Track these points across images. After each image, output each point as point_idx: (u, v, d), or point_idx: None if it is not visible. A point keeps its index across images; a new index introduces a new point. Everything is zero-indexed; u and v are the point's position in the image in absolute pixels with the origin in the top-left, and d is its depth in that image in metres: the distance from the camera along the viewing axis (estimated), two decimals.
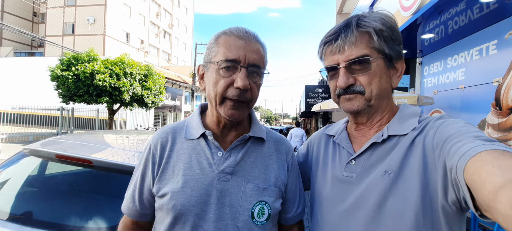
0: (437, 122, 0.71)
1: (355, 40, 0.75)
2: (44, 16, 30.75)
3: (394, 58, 0.78)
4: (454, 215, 0.65)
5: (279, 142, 0.96)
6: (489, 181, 0.46)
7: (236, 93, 0.78)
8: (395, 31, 0.78)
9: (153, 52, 35.48)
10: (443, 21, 4.38)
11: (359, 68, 0.76)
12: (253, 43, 0.80)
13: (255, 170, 0.86)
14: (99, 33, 27.12)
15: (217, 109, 0.82)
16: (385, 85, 0.78)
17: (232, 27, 0.83)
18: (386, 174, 0.72)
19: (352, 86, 0.77)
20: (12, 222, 1.37)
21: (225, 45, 0.79)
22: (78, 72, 10.07)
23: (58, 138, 2.00)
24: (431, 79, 5.69)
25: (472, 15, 3.92)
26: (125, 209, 0.91)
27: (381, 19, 0.77)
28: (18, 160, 1.77)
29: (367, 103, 0.77)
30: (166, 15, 38.11)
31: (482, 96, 4.16)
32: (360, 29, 0.75)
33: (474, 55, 4.32)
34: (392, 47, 0.77)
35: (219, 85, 0.79)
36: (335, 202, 0.81)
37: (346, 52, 0.76)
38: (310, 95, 13.11)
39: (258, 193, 0.83)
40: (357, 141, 0.85)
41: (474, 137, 0.57)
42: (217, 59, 0.79)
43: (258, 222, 0.82)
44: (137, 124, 18.13)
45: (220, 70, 0.79)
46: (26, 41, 33.61)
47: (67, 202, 1.56)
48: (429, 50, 5.61)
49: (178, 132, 0.90)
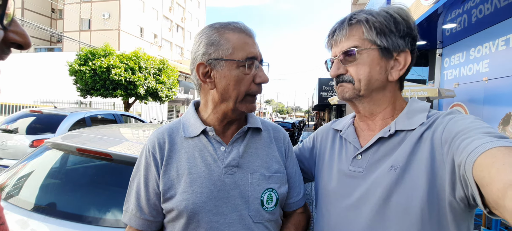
0: (446, 117, 0.70)
1: (345, 33, 0.79)
2: (61, 13, 31.67)
3: (393, 50, 0.77)
4: (461, 212, 0.65)
5: (275, 130, 0.99)
6: (498, 178, 0.45)
7: (260, 89, 0.82)
8: (400, 23, 0.77)
9: (166, 46, 35.90)
10: (466, 10, 4.17)
11: (349, 59, 0.79)
12: (255, 40, 0.85)
13: (258, 160, 0.88)
14: (114, 28, 27.70)
15: (237, 106, 0.82)
16: (377, 76, 0.78)
17: (233, 22, 0.83)
18: (392, 169, 0.71)
19: (342, 75, 0.81)
20: (37, 212, 1.43)
21: (240, 43, 0.79)
22: (95, 66, 10.32)
23: (78, 132, 2.06)
24: (452, 71, 5.46)
25: (498, 3, 3.70)
26: (132, 221, 0.84)
27: (379, 12, 0.78)
28: (41, 152, 1.84)
29: (356, 92, 0.80)
30: (178, 9, 38.35)
31: (507, 89, 3.95)
32: (351, 22, 0.79)
33: (500, 46, 4.09)
34: (391, 38, 0.76)
35: (243, 83, 0.80)
36: (341, 196, 0.81)
37: (339, 45, 0.81)
38: (323, 88, 12.93)
39: (264, 181, 0.85)
40: (364, 136, 0.85)
41: (484, 133, 0.56)
42: (236, 57, 0.79)
43: (268, 208, 0.85)
44: (152, 117, 18.50)
45: (241, 68, 0.80)
46: (45, 37, 34.78)
47: (88, 193, 1.61)
48: (450, 40, 5.37)
49: (174, 132, 0.88)
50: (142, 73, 11.06)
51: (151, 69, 11.43)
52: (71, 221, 1.37)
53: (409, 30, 0.77)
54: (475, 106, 4.70)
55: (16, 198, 1.55)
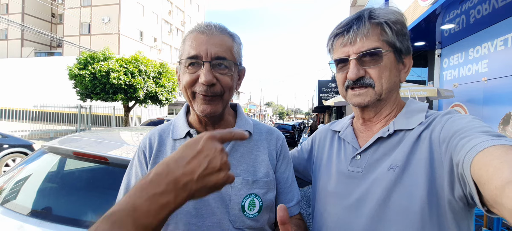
0: (444, 117, 0.70)
1: (367, 32, 0.74)
2: (61, 17, 31.81)
3: (403, 53, 0.78)
4: (461, 210, 0.64)
5: (268, 132, 0.96)
6: (496, 176, 0.45)
7: (203, 89, 0.78)
8: (405, 26, 0.78)
9: (166, 50, 35.97)
10: (464, 11, 4.17)
11: (370, 60, 0.75)
12: (216, 36, 0.80)
13: (243, 164, 0.85)
14: (114, 32, 27.77)
15: (193, 106, 0.83)
16: (394, 79, 0.78)
17: (197, 23, 0.84)
18: (391, 169, 0.71)
19: (362, 78, 0.76)
20: (33, 217, 1.42)
21: (189, 43, 0.80)
22: (95, 70, 10.34)
23: (76, 135, 2.05)
24: (451, 71, 5.46)
25: (496, 3, 3.70)
26: None
27: (394, 12, 0.77)
28: (38, 156, 1.83)
29: (377, 97, 0.77)
30: (178, 12, 38.48)
31: (507, 89, 3.95)
32: (373, 21, 0.75)
33: (499, 46, 4.09)
34: (402, 41, 0.77)
35: (186, 81, 0.80)
36: (340, 197, 0.80)
37: (357, 44, 0.75)
38: (323, 90, 12.94)
39: (247, 186, 0.83)
40: (362, 136, 0.85)
41: (481, 132, 0.56)
42: (182, 57, 0.81)
43: (249, 215, 0.82)
44: None
45: (186, 68, 0.80)
46: (46, 41, 34.89)
47: (85, 198, 1.59)
48: (449, 41, 5.37)
49: (165, 132, 0.91)
50: (142, 76, 11.08)
51: (150, 73, 11.44)
52: (68, 226, 1.36)
53: (408, 34, 0.80)
54: (474, 106, 4.69)
55: (13, 202, 1.54)
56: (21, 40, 32.84)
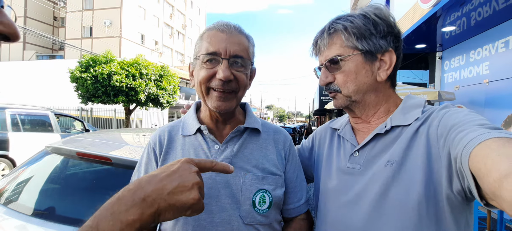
0: (441, 111, 0.70)
1: (327, 43, 0.81)
2: (63, 20, 31.96)
3: (376, 52, 0.78)
4: (459, 205, 0.65)
5: (276, 132, 0.98)
6: (495, 169, 0.45)
7: (220, 84, 0.80)
8: (379, 24, 0.77)
9: (167, 53, 36.08)
10: (465, 13, 4.18)
11: (333, 67, 0.81)
12: (234, 35, 0.82)
13: (253, 160, 0.87)
14: (115, 35, 27.90)
15: (206, 102, 0.84)
16: (364, 80, 0.79)
17: (216, 22, 0.85)
18: (388, 164, 0.72)
19: (331, 84, 0.83)
20: (36, 217, 1.42)
21: (207, 40, 0.81)
22: (96, 73, 10.38)
23: (78, 136, 2.06)
24: (452, 74, 5.47)
25: (497, 5, 3.71)
26: None
27: (359, 15, 0.78)
28: (41, 157, 1.83)
29: (348, 99, 0.81)
30: (179, 16, 38.65)
31: (508, 91, 3.94)
32: (330, 32, 0.81)
33: (500, 48, 4.10)
34: (372, 41, 0.77)
35: (202, 76, 0.81)
36: (339, 193, 0.82)
37: (323, 54, 0.83)
38: (324, 93, 12.94)
39: (257, 182, 0.84)
40: (360, 133, 0.86)
41: (478, 125, 0.57)
42: (200, 53, 0.82)
43: (260, 210, 0.83)
44: (152, 123, 18.51)
45: (203, 64, 0.81)
46: (48, 44, 35.06)
47: (88, 198, 1.60)
48: (450, 43, 5.38)
49: (175, 129, 0.92)
50: (143, 79, 11.11)
51: (152, 76, 11.48)
52: (71, 226, 1.36)
53: (390, 29, 0.78)
54: (476, 108, 4.69)
55: (16, 203, 1.54)
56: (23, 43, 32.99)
